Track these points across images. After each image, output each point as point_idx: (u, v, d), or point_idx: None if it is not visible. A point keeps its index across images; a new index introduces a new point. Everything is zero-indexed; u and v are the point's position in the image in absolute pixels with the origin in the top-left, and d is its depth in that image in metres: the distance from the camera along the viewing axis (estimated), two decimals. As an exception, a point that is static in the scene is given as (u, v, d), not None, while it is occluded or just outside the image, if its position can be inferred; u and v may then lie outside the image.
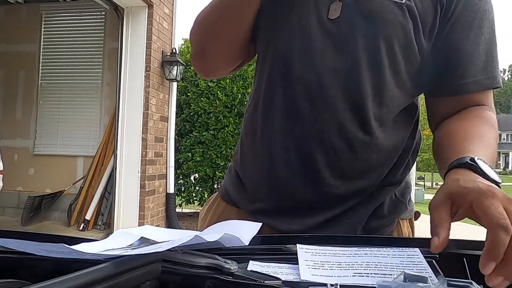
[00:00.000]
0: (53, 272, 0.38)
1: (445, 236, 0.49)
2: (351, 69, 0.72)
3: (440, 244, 0.49)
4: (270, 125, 0.78)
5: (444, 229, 0.50)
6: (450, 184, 0.54)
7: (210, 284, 0.42)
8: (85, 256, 0.42)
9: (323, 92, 0.73)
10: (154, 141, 4.96)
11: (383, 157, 0.76)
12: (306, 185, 0.75)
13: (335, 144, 0.73)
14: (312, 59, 0.73)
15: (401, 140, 0.79)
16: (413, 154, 0.83)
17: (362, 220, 0.78)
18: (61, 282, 0.33)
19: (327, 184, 0.74)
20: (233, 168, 0.90)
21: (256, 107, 0.81)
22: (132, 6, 4.75)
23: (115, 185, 4.76)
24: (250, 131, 0.83)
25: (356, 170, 0.75)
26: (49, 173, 5.46)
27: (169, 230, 0.63)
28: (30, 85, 5.63)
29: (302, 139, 0.75)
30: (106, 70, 5.47)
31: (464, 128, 0.70)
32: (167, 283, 0.43)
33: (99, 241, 0.55)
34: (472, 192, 0.50)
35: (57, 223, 5.23)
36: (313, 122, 0.73)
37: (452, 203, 0.52)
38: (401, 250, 0.53)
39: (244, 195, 0.84)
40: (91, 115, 5.48)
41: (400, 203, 0.82)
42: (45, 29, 5.67)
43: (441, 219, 0.51)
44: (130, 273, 0.39)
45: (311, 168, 0.75)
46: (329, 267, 0.50)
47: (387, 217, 0.80)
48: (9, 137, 5.45)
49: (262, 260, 0.52)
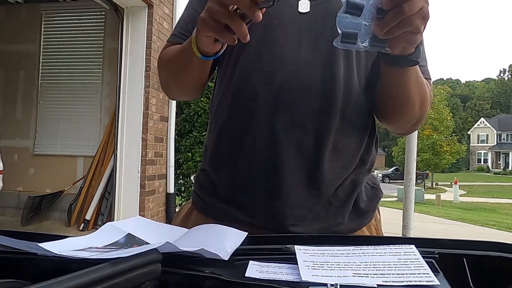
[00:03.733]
0: (53, 272, 0.38)
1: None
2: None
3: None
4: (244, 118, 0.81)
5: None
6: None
7: (210, 284, 0.42)
8: (49, 254, 0.43)
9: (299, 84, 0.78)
10: (154, 141, 4.96)
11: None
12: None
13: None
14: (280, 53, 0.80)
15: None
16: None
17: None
18: (61, 282, 0.33)
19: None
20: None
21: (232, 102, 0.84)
22: (132, 6, 4.75)
23: (115, 185, 4.76)
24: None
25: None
26: (49, 173, 5.47)
27: (158, 226, 0.63)
28: (30, 85, 5.63)
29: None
30: (106, 70, 5.47)
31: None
32: (167, 283, 0.43)
33: (85, 236, 0.55)
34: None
35: (57, 223, 5.23)
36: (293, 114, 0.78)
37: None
38: (398, 248, 0.54)
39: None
40: (91, 115, 5.48)
41: (374, 189, 0.89)
42: (45, 29, 5.67)
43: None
44: (130, 273, 0.39)
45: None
46: (329, 267, 0.50)
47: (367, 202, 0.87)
48: (9, 137, 5.45)
49: (262, 260, 0.52)
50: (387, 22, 0.58)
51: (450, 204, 16.60)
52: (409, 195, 2.74)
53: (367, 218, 0.87)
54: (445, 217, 11.08)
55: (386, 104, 0.82)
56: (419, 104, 0.80)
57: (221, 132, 0.85)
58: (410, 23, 0.59)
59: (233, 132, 0.83)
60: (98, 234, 0.57)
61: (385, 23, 0.58)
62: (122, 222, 0.60)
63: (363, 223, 0.86)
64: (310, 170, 0.79)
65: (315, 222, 0.80)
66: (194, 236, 0.58)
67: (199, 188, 0.90)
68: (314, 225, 0.80)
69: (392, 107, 0.82)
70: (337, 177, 0.81)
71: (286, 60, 0.78)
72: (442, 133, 29.18)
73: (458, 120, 60.66)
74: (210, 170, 0.87)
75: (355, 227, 0.85)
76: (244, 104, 0.80)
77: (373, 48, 0.61)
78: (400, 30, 0.60)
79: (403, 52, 0.66)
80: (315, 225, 0.80)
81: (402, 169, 24.64)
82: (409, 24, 0.59)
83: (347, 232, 0.83)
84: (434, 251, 0.53)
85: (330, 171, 0.80)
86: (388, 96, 0.80)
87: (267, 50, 0.80)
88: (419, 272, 0.47)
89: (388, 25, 0.58)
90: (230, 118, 0.83)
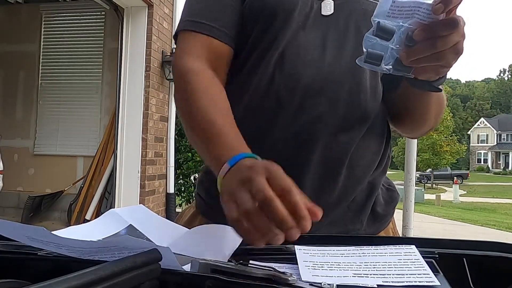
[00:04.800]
0: (53, 272, 0.38)
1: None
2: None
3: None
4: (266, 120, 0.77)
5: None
6: None
7: (210, 284, 0.42)
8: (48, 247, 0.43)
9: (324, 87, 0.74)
10: (154, 141, 4.96)
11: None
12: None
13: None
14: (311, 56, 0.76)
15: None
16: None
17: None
18: (61, 282, 0.33)
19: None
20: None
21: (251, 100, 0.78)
22: (132, 6, 4.74)
23: (115, 185, 4.76)
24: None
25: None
26: (49, 173, 5.46)
27: (160, 221, 0.62)
28: (30, 85, 5.63)
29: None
30: (106, 70, 5.46)
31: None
32: (167, 283, 0.43)
33: (88, 224, 0.55)
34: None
35: (57, 223, 5.23)
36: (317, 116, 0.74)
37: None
38: (398, 248, 0.53)
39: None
40: (91, 115, 5.47)
41: (391, 191, 0.87)
42: (45, 29, 5.67)
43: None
44: (130, 273, 0.39)
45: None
46: (329, 268, 0.50)
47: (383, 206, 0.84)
48: (9, 137, 5.45)
49: (262, 260, 0.52)
50: (416, 53, 0.55)
51: (450, 204, 16.59)
52: (409, 195, 2.74)
53: (385, 222, 0.84)
54: (445, 217, 11.07)
55: (401, 114, 0.81)
56: (434, 119, 0.79)
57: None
58: (441, 58, 0.55)
59: (250, 133, 0.74)
60: (101, 221, 0.57)
61: (414, 52, 0.55)
62: (125, 210, 0.60)
63: (381, 228, 0.83)
64: (330, 175, 0.75)
65: (332, 227, 0.77)
66: (193, 238, 0.58)
67: (204, 191, 0.86)
68: (331, 231, 0.76)
69: (409, 118, 0.81)
70: (356, 182, 0.78)
71: (310, 64, 0.74)
72: (442, 133, 29.15)
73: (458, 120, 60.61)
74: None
75: (373, 232, 0.81)
76: (265, 106, 0.76)
77: (397, 72, 0.58)
78: (429, 63, 0.56)
79: (428, 78, 0.62)
80: (333, 230, 0.77)
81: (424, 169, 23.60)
82: (440, 59, 0.56)
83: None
84: (434, 251, 0.53)
85: (349, 176, 0.76)
86: (404, 108, 0.78)
87: (291, 54, 0.75)
88: (419, 273, 0.47)
89: (416, 55, 0.55)
90: (247, 119, 0.76)
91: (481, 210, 14.92)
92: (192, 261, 0.45)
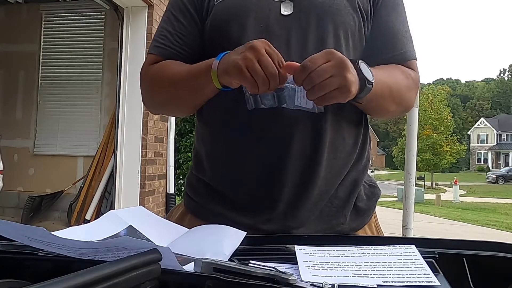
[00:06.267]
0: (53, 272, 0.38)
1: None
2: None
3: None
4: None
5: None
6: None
7: (210, 284, 0.42)
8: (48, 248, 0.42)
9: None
10: (154, 141, 4.96)
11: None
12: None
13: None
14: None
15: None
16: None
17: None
18: (61, 282, 0.33)
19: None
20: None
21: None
22: (132, 6, 4.74)
23: (115, 185, 4.75)
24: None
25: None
26: (49, 173, 5.46)
27: (160, 221, 0.63)
28: (30, 85, 5.63)
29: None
30: (106, 70, 5.46)
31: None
32: (167, 283, 0.43)
33: (88, 225, 0.55)
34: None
35: (57, 223, 5.23)
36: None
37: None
38: (398, 248, 0.54)
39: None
40: (91, 115, 5.47)
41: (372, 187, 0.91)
42: (45, 29, 5.66)
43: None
44: (130, 273, 0.39)
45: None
46: (329, 268, 0.50)
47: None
48: (9, 137, 5.44)
49: (262, 260, 0.52)
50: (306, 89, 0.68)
51: (450, 204, 16.59)
52: (409, 195, 2.73)
53: (368, 217, 0.89)
54: (445, 217, 11.07)
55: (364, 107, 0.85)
56: (396, 105, 0.83)
57: (218, 135, 0.85)
58: (323, 87, 0.67)
59: (231, 134, 0.83)
60: (101, 222, 0.57)
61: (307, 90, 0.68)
62: (125, 211, 0.60)
63: (364, 222, 0.88)
64: (310, 170, 0.79)
65: (318, 222, 0.81)
66: (193, 237, 0.58)
67: (192, 191, 0.90)
68: (317, 226, 0.81)
69: (368, 112, 0.86)
70: (337, 176, 0.82)
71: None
72: (442, 133, 29.17)
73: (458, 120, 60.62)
74: (206, 173, 0.87)
75: (357, 226, 0.86)
76: (242, 107, 0.80)
77: (299, 107, 0.75)
78: (318, 94, 0.68)
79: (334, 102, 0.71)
80: (318, 226, 0.81)
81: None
82: (322, 89, 0.67)
83: (349, 231, 0.84)
84: (434, 251, 0.53)
85: (329, 170, 0.80)
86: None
87: None
88: (419, 273, 0.47)
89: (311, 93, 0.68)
90: (226, 121, 0.83)
91: (481, 210, 14.91)
92: (195, 261, 0.45)
